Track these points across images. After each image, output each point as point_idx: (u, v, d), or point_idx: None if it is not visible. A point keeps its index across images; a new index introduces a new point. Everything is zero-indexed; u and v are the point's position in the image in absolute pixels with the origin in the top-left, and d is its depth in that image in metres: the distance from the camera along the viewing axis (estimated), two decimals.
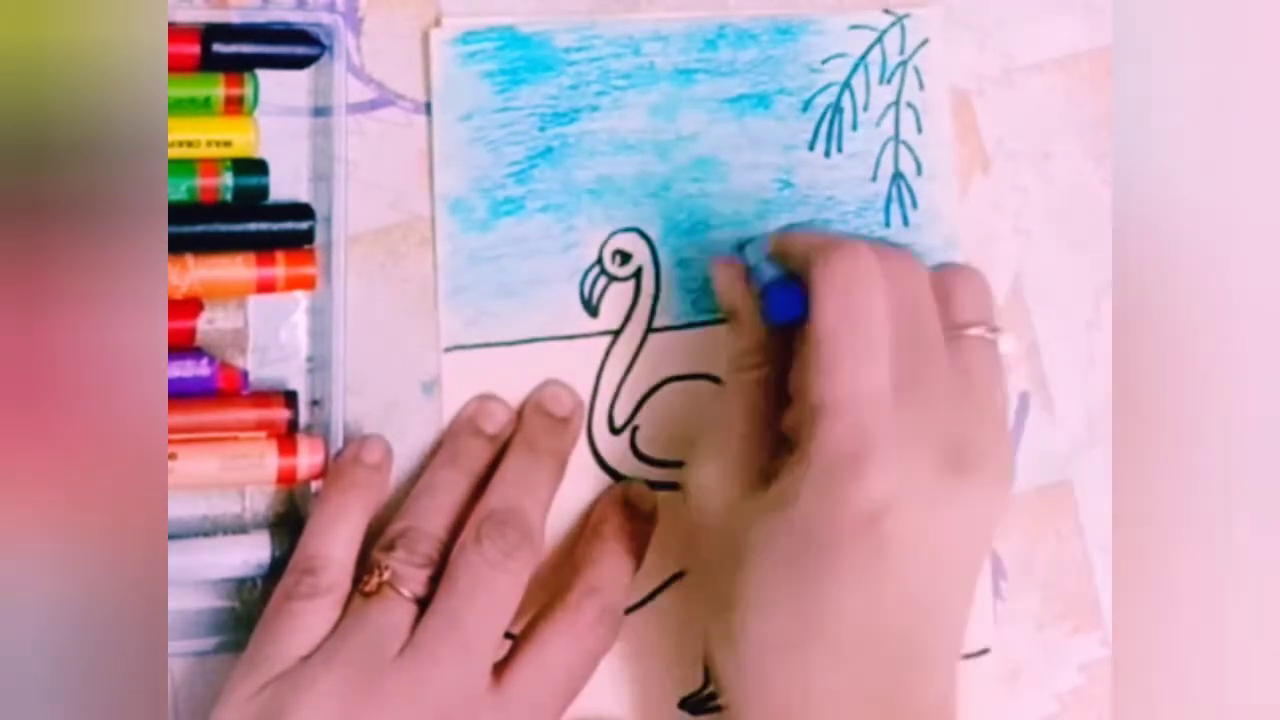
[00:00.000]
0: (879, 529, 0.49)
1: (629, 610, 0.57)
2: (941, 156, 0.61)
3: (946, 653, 0.51)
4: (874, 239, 0.55)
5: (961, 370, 0.52)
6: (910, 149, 0.61)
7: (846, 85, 0.60)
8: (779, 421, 0.53)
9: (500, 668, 0.52)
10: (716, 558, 0.52)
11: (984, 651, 0.60)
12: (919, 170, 0.61)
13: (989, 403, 0.53)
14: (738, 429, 0.54)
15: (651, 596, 0.58)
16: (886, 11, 0.61)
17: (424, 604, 0.51)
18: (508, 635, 0.53)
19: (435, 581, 0.52)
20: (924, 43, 0.61)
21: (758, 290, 0.55)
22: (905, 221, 0.61)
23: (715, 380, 0.59)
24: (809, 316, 0.51)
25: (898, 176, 0.61)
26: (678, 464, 0.57)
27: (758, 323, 0.55)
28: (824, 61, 0.60)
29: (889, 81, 0.61)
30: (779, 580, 0.50)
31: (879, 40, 0.61)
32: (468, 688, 0.50)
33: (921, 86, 0.61)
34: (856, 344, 0.50)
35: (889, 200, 0.61)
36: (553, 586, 0.55)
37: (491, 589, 0.51)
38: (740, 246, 0.57)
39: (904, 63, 0.61)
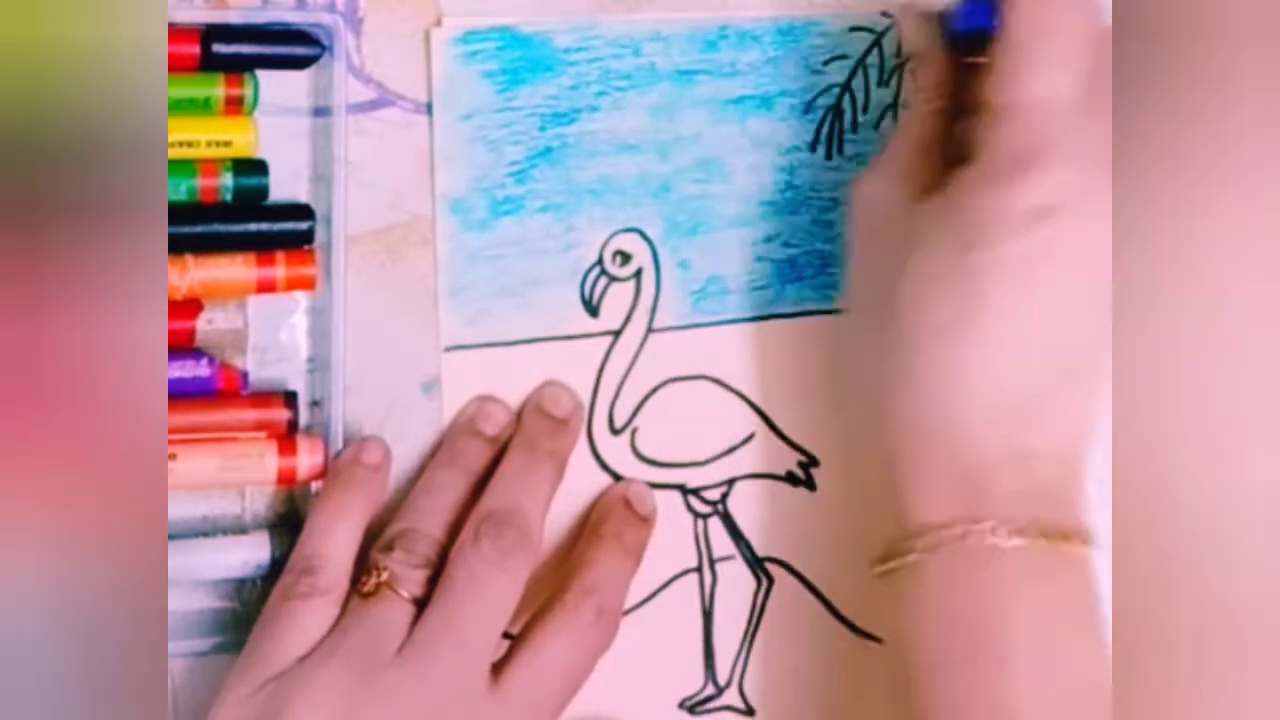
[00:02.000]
0: (1039, 231, 0.50)
1: (628, 610, 0.57)
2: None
3: (1087, 367, 0.52)
4: None
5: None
6: None
7: (846, 87, 0.60)
8: (954, 149, 0.54)
9: (498, 667, 0.52)
10: (880, 255, 0.54)
11: None
12: None
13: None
14: (908, 150, 0.55)
15: (651, 597, 0.58)
16: (884, 14, 0.61)
17: (422, 604, 0.51)
18: (506, 635, 0.53)
19: (433, 582, 0.52)
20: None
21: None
22: None
23: (716, 381, 0.59)
24: (997, 29, 0.52)
25: None
26: (678, 465, 0.58)
27: (942, 58, 0.56)
28: (825, 63, 0.60)
29: (887, 84, 0.61)
30: (942, 270, 0.51)
31: (877, 42, 0.61)
32: (465, 687, 0.50)
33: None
34: (1049, 50, 0.52)
35: None
36: (551, 586, 0.55)
37: (490, 589, 0.51)
38: None
39: (901, 64, 0.61)
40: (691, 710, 0.58)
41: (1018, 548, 0.49)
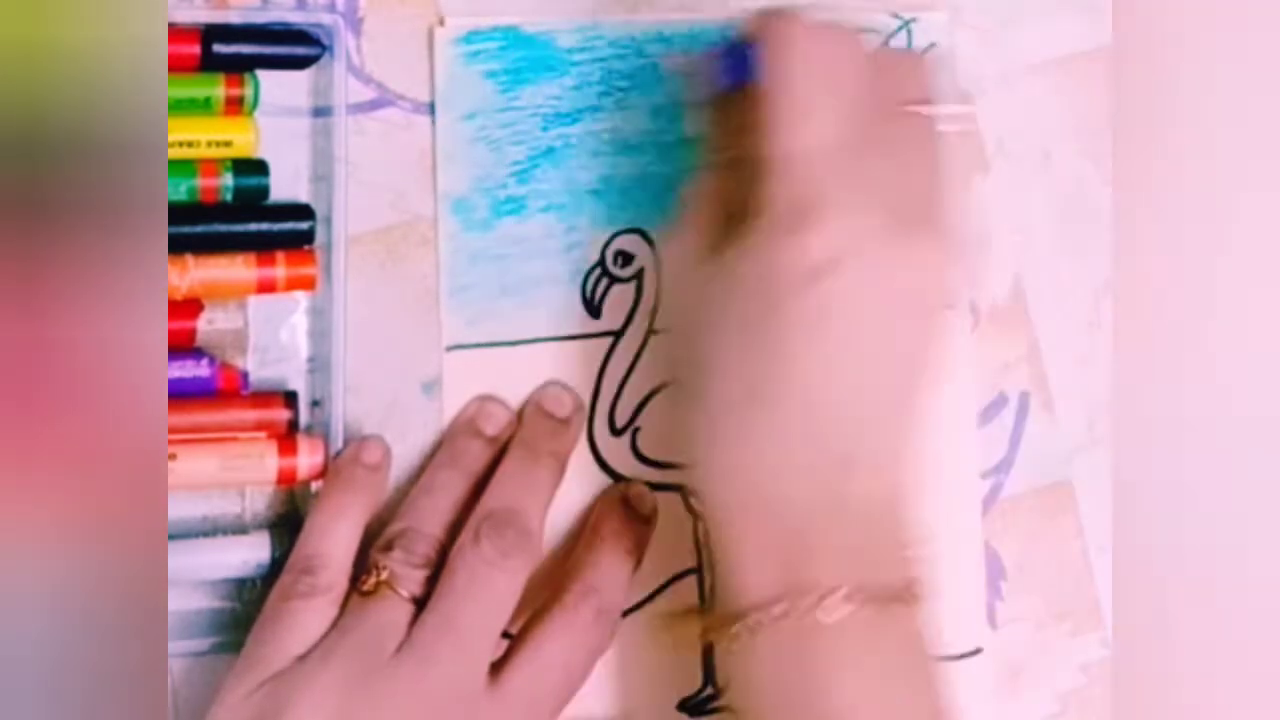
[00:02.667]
0: (825, 285, 0.49)
1: (628, 611, 0.57)
2: (946, 160, 0.61)
3: (900, 416, 0.51)
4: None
5: (905, 138, 0.52)
6: None
7: None
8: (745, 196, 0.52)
9: (497, 667, 0.52)
10: (685, 324, 0.53)
11: (977, 651, 0.60)
12: None
13: (932, 171, 0.53)
14: (705, 209, 0.54)
15: (651, 597, 0.58)
16: (894, 15, 0.61)
17: (421, 604, 0.51)
18: (506, 635, 0.53)
19: (433, 582, 0.52)
20: (930, 46, 0.61)
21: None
22: None
23: None
24: (757, 80, 0.51)
25: None
26: (678, 466, 0.57)
27: (722, 110, 0.55)
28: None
29: None
30: (733, 339, 0.50)
31: (885, 44, 0.61)
32: (464, 687, 0.50)
33: None
34: (805, 100, 0.50)
35: None
36: (551, 587, 0.55)
37: (489, 589, 0.51)
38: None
39: None
40: (691, 712, 0.58)
41: (843, 620, 0.48)
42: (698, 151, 0.56)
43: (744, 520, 0.50)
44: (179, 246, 0.53)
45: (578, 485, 0.57)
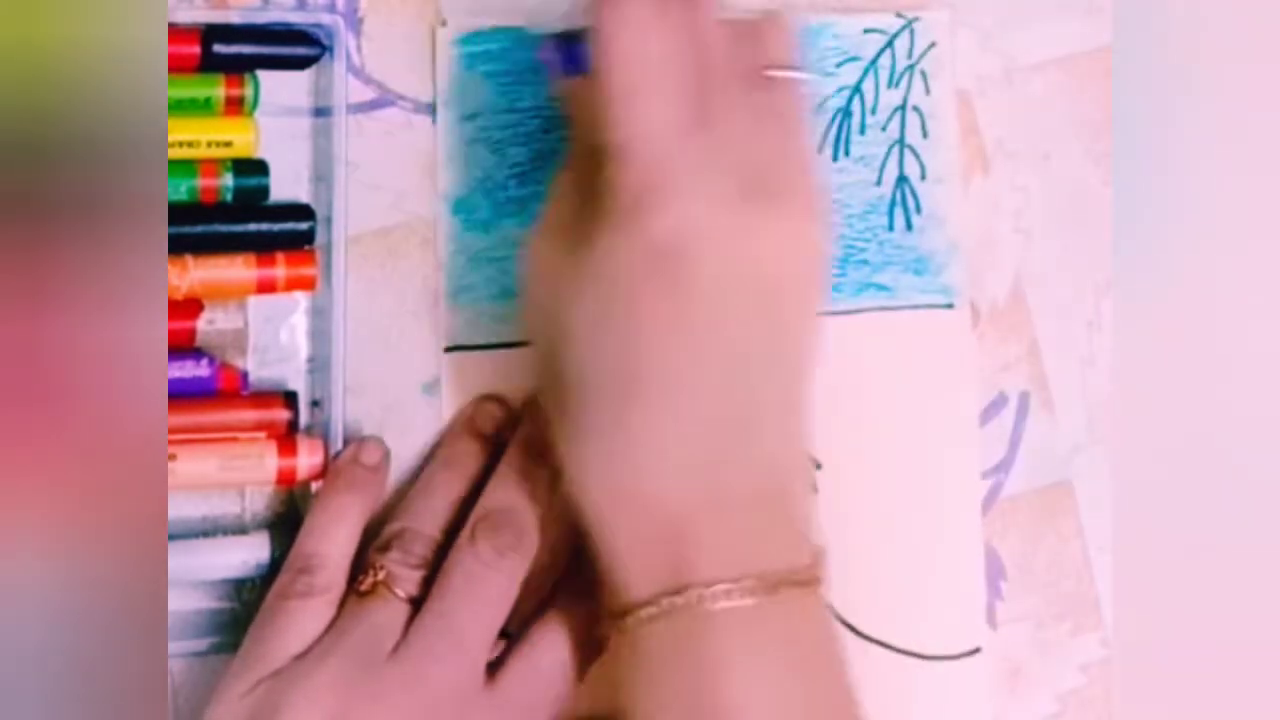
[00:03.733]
0: (679, 262, 0.48)
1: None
2: (946, 160, 0.61)
3: (780, 401, 0.50)
4: None
5: (763, 107, 0.51)
6: (915, 153, 0.61)
7: (857, 89, 0.60)
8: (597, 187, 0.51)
9: (494, 667, 0.52)
10: (544, 324, 0.52)
11: (976, 651, 0.60)
12: (923, 174, 0.61)
13: (793, 137, 0.52)
14: (561, 199, 0.53)
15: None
16: (898, 15, 0.61)
17: (418, 604, 0.51)
18: (504, 634, 0.53)
19: (430, 582, 0.52)
20: (931, 46, 0.61)
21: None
22: (909, 225, 0.61)
23: None
24: (594, 65, 0.50)
25: (902, 180, 0.61)
26: None
27: (569, 99, 0.54)
28: (838, 65, 0.60)
29: (896, 85, 0.61)
30: (593, 329, 0.49)
31: (889, 44, 0.61)
32: (461, 686, 0.50)
33: (928, 90, 0.61)
34: (637, 82, 0.49)
35: (893, 204, 0.61)
36: (549, 586, 0.55)
37: (485, 589, 0.51)
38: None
39: (911, 66, 0.61)
40: None
41: (731, 609, 0.47)
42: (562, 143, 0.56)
43: (618, 518, 0.49)
44: (179, 246, 0.52)
45: None
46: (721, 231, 0.48)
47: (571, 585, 0.54)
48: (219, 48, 0.53)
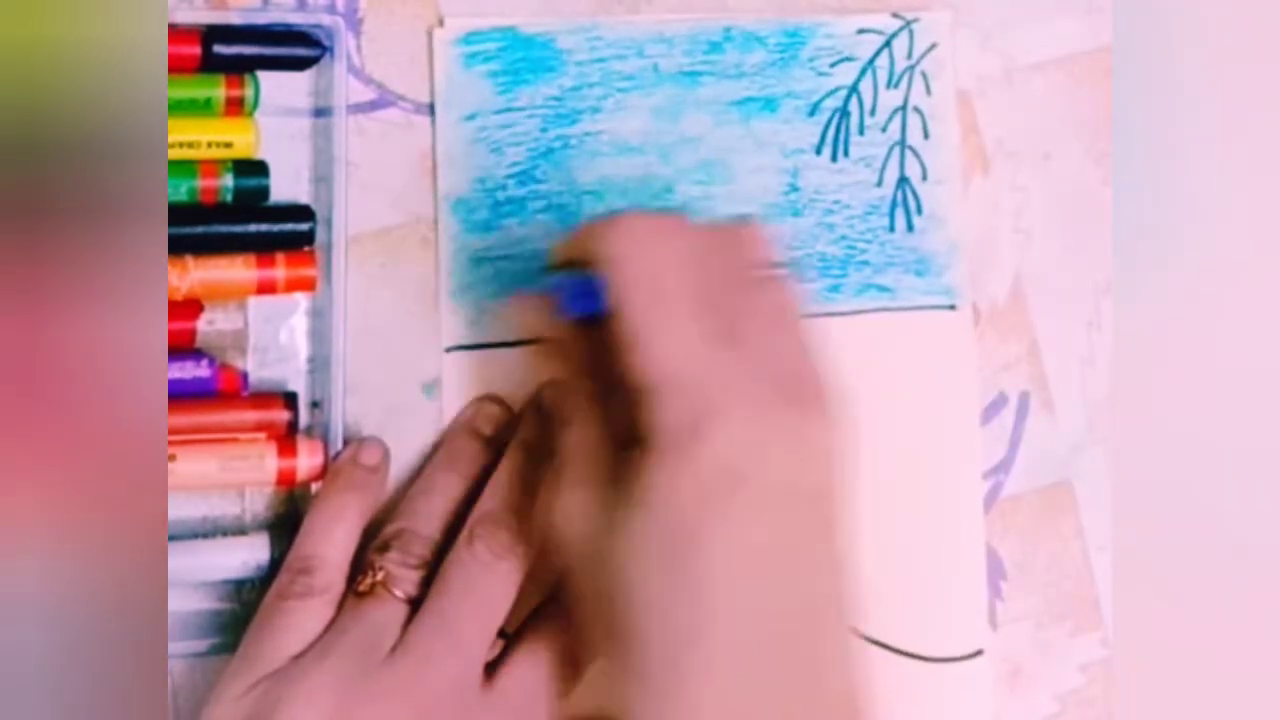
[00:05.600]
0: (740, 483, 0.47)
1: None
2: (947, 161, 0.61)
3: (837, 619, 0.49)
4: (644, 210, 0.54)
5: (771, 308, 0.51)
6: (916, 154, 0.61)
7: (854, 89, 0.60)
8: (621, 429, 0.50)
9: (492, 667, 0.52)
10: (596, 586, 0.49)
11: (978, 653, 0.60)
12: (924, 175, 0.61)
13: (804, 334, 0.51)
14: (576, 453, 0.51)
15: None
16: (895, 15, 0.61)
17: (417, 604, 0.51)
18: (502, 635, 0.53)
19: (429, 583, 0.52)
20: (932, 47, 0.61)
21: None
22: (910, 226, 0.61)
23: None
24: (605, 306, 0.49)
25: (903, 181, 0.61)
26: None
27: (572, 342, 0.53)
28: (832, 65, 0.60)
29: (896, 86, 0.61)
30: (657, 578, 0.47)
31: (887, 44, 0.61)
32: (459, 686, 0.50)
33: (929, 91, 0.61)
34: (660, 310, 0.48)
35: (894, 205, 0.61)
36: (548, 587, 0.55)
37: (483, 590, 0.51)
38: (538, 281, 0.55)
39: (911, 67, 0.61)
40: None
41: None
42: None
43: None
44: (179, 247, 0.53)
45: None
46: (771, 443, 0.47)
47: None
48: (219, 48, 0.53)
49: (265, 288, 0.53)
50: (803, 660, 0.48)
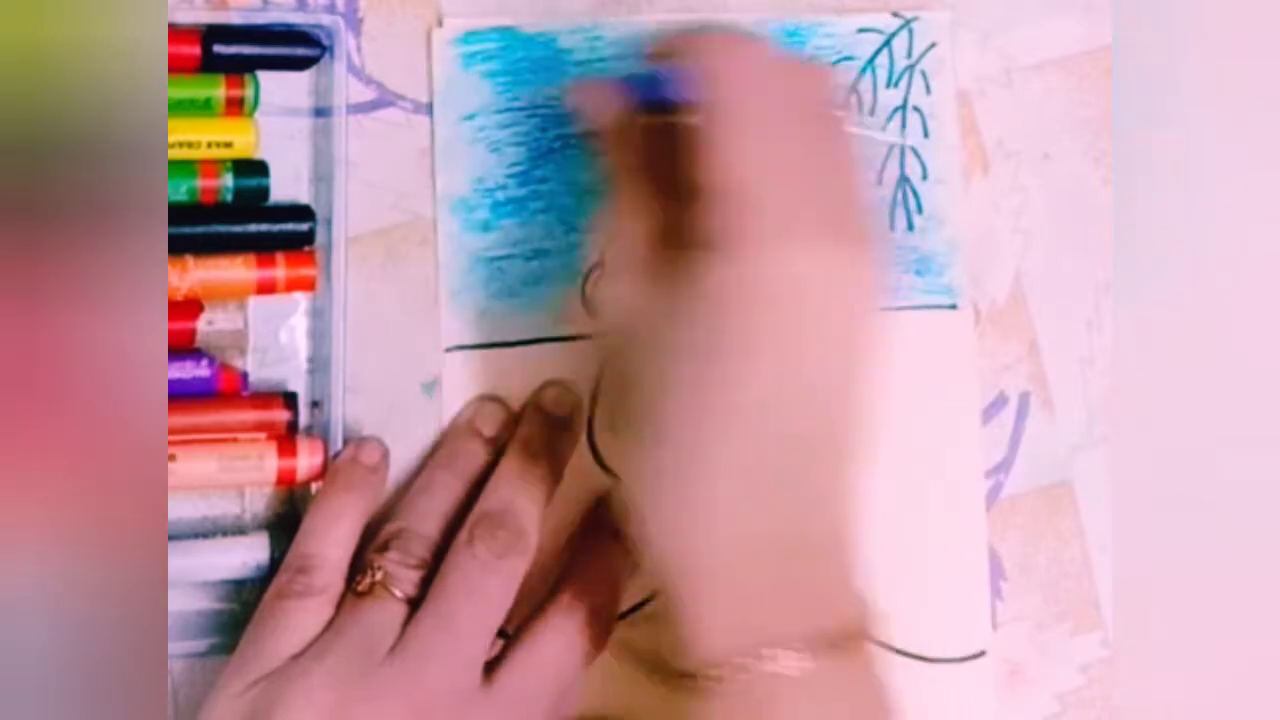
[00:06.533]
0: (788, 300, 0.48)
1: (623, 615, 0.56)
2: (947, 160, 0.61)
3: (840, 454, 0.50)
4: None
5: (831, 144, 0.52)
6: (916, 154, 0.61)
7: (853, 89, 0.60)
8: (675, 225, 0.51)
9: (492, 667, 0.52)
10: (632, 364, 0.51)
11: (980, 654, 0.60)
12: (924, 175, 0.61)
13: (857, 175, 0.52)
14: (621, 241, 0.53)
15: (648, 600, 0.58)
16: (895, 15, 0.61)
17: (416, 604, 0.51)
18: (502, 634, 0.53)
19: (428, 583, 0.52)
20: (931, 46, 0.61)
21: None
22: (910, 225, 0.61)
23: None
24: (686, 103, 0.50)
25: (903, 181, 0.61)
26: None
27: (638, 135, 0.53)
28: (832, 64, 0.60)
29: (896, 85, 0.61)
30: (692, 366, 0.48)
31: (887, 44, 0.61)
32: (458, 686, 0.50)
33: (928, 90, 0.61)
34: (744, 120, 0.49)
35: (894, 204, 0.61)
36: (548, 586, 0.55)
37: (482, 590, 0.51)
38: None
39: (911, 67, 0.61)
40: None
41: (802, 672, 0.47)
42: (605, 184, 0.54)
43: (700, 568, 0.48)
44: (179, 247, 0.53)
45: (577, 485, 0.57)
46: (819, 271, 0.49)
47: (570, 585, 0.54)
48: (219, 48, 0.53)
49: (265, 288, 0.53)
50: (802, 483, 0.49)
